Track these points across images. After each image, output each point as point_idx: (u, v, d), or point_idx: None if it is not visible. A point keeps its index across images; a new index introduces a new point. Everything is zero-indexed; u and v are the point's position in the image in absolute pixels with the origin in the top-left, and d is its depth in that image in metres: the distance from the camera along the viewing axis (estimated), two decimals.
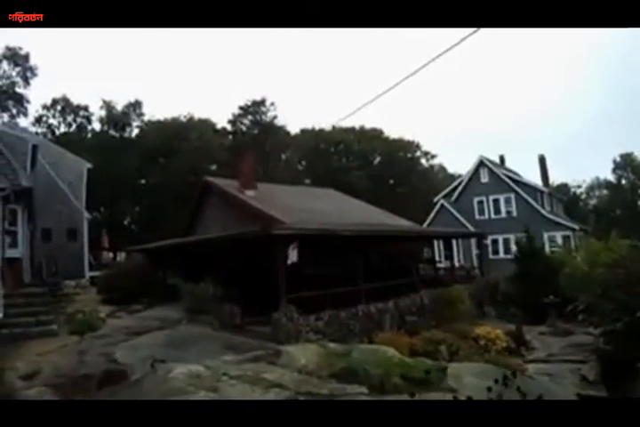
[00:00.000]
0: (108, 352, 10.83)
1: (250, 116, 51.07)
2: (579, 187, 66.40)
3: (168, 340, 12.21)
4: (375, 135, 64.33)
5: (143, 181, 48.08)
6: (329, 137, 62.63)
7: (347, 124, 65.29)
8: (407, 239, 22.62)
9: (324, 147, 61.23)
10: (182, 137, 46.62)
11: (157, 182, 45.51)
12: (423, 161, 66.03)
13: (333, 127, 63.97)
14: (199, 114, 55.93)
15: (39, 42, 73.98)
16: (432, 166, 67.06)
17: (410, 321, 17.12)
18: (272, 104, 51.58)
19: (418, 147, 65.41)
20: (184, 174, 43.94)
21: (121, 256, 42.51)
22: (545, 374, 10.79)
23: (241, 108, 51.33)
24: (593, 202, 67.06)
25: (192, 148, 46.29)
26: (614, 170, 61.70)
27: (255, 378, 8.65)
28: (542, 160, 43.85)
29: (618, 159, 60.44)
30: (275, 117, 50.41)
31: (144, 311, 18.20)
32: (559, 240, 35.23)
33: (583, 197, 66.39)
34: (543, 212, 38.24)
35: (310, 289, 13.99)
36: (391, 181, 59.88)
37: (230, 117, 51.98)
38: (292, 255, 12.98)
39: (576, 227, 37.19)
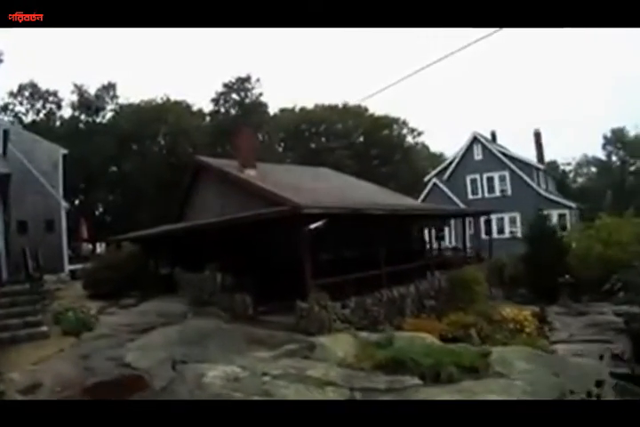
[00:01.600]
0: (117, 356, 9.30)
1: (234, 95, 48.56)
2: (568, 164, 65.59)
3: (181, 337, 10.68)
4: (359, 113, 62.10)
5: (118, 168, 45.68)
6: (311, 116, 60.46)
7: (330, 101, 63.68)
8: (424, 218, 21.17)
9: (305, 127, 59.13)
10: (159, 120, 44.35)
11: (134, 168, 43.31)
12: (409, 138, 64.35)
13: (316, 106, 62.08)
14: (176, 96, 53.91)
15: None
16: (417, 144, 65.29)
17: (428, 305, 16.17)
18: (258, 80, 48.86)
19: (404, 124, 63.66)
20: (162, 159, 42.04)
21: (101, 247, 40.38)
22: (575, 354, 10.60)
23: (225, 85, 48.77)
24: (581, 180, 66.39)
25: (170, 130, 44.11)
26: (604, 146, 60.77)
27: (301, 376, 7.74)
28: (537, 135, 42.35)
29: (609, 135, 59.61)
30: (260, 95, 48.10)
31: (140, 306, 16.52)
32: (555, 219, 33.98)
33: (572, 175, 65.56)
34: (539, 190, 37.28)
35: (329, 275, 12.52)
36: (375, 161, 58.30)
37: (214, 96, 49.38)
38: (313, 230, 11.55)
39: (573, 205, 36.39)
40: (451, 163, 41.77)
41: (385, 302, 14.30)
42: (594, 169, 66.51)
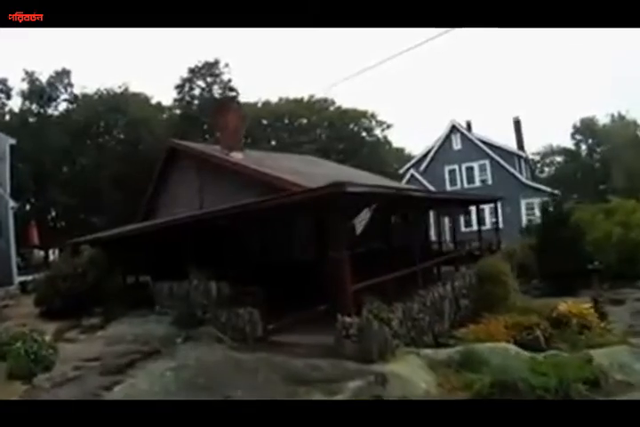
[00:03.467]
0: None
1: (201, 82, 44.50)
2: (537, 154, 64.89)
3: (181, 379, 7.36)
4: (325, 106, 59.65)
5: (73, 164, 41.30)
6: (275, 110, 57.28)
7: (295, 94, 60.52)
8: (450, 205, 18.38)
9: (268, 121, 55.72)
10: (118, 110, 40.29)
11: (90, 164, 39.19)
12: (378, 132, 61.74)
13: (280, 99, 58.87)
14: (135, 85, 49.91)
15: None
16: (384, 138, 62.67)
17: (464, 305, 14.06)
18: (227, 65, 44.67)
19: (373, 116, 60.85)
20: (122, 152, 38.15)
21: (55, 254, 36.13)
22: None
23: (191, 70, 44.70)
24: (547, 169, 65.87)
25: (130, 121, 40.10)
26: (573, 135, 59.91)
27: None
28: (517, 123, 41.02)
29: (578, 124, 58.91)
30: (229, 81, 44.18)
31: (108, 328, 13.05)
32: (536, 208, 32.95)
33: (539, 165, 64.98)
34: (521, 178, 35.96)
35: (361, 274, 9.58)
36: (341, 155, 55.54)
37: (178, 82, 45.01)
38: (360, 225, 8.59)
39: (557, 192, 34.83)
40: (427, 154, 39.73)
41: (428, 307, 11.53)
42: (559, 158, 66.01)
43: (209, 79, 44.47)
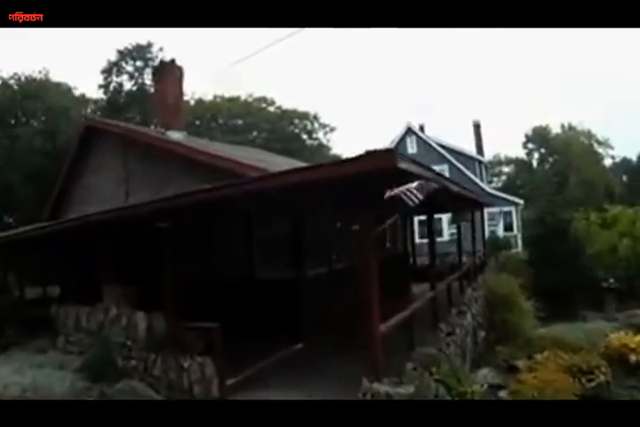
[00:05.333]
0: None
1: (130, 66, 39.59)
2: (489, 164, 63.92)
3: None
4: (263, 107, 55.79)
5: None
6: (209, 108, 52.78)
7: (233, 92, 56.11)
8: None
9: (201, 120, 51.02)
10: (36, 97, 35.12)
11: (2, 156, 33.88)
12: (320, 135, 57.83)
13: (215, 96, 54.42)
14: (57, 73, 45.38)
15: None
16: (328, 141, 59.39)
17: (481, 337, 11.40)
18: (161, 49, 39.38)
19: (315, 118, 57.01)
20: (39, 143, 33.05)
21: None
22: None
23: (120, 52, 39.62)
24: (496, 179, 64.97)
25: (48, 109, 34.98)
26: (525, 144, 59.15)
27: None
28: (477, 127, 38.98)
29: (530, 133, 58.02)
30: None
31: None
32: (499, 217, 31.65)
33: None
34: (482, 185, 33.80)
35: None
36: None
37: (105, 66, 39.47)
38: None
39: (520, 201, 33.28)
40: None
41: (458, 347, 8.23)
42: (506, 169, 65.66)
43: (139, 63, 39.59)
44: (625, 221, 19.38)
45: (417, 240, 22.57)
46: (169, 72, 12.62)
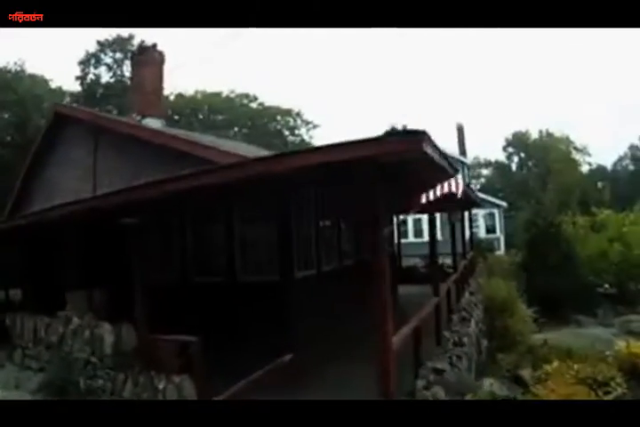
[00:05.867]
0: None
1: (108, 58, 38.02)
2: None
3: None
4: (245, 103, 54.78)
5: None
6: (190, 103, 51.64)
7: (215, 88, 54.59)
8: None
9: (180, 116, 49.71)
10: (7, 87, 33.65)
11: None
12: (303, 131, 56.86)
13: (196, 91, 53.17)
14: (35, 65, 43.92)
15: None
16: (306, 139, 58.30)
17: (484, 346, 10.57)
18: (143, 42, 38.74)
19: (298, 115, 56.08)
20: (8, 135, 31.70)
21: None
22: None
23: (99, 42, 38.12)
24: (475, 181, 64.97)
25: (20, 100, 33.52)
26: (505, 148, 59.26)
27: None
28: (460, 129, 38.50)
29: (510, 137, 58.28)
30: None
31: None
32: (481, 219, 31.20)
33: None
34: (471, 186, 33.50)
35: None
36: None
37: (83, 57, 37.97)
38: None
39: (503, 204, 33.22)
40: None
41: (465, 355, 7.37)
42: (485, 171, 65.65)
43: (119, 55, 38.15)
44: (615, 226, 19.23)
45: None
46: (149, 56, 11.51)
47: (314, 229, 9.87)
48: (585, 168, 57.37)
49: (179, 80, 65.64)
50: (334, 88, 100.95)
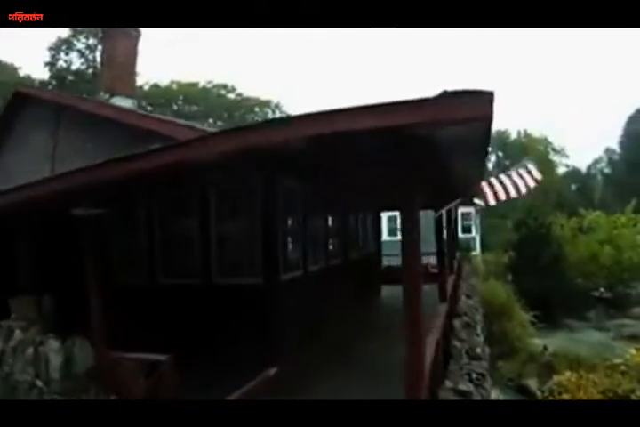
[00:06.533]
0: None
1: (81, 44, 36.33)
2: None
3: None
4: (223, 93, 53.67)
5: None
6: (165, 93, 50.28)
7: (191, 78, 53.09)
8: None
9: (153, 106, 48.17)
10: None
11: None
12: None
13: (172, 82, 51.74)
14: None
15: None
16: None
17: (479, 352, 9.10)
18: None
19: (277, 107, 55.32)
20: None
21: None
22: None
23: (73, 28, 36.19)
24: None
25: None
26: None
27: None
28: None
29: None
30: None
31: None
32: (458, 218, 30.16)
33: None
34: None
35: None
36: None
37: (53, 43, 35.99)
38: None
39: (480, 203, 32.36)
40: None
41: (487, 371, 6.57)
42: None
43: (92, 41, 36.51)
44: (605, 229, 18.78)
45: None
46: (122, 30, 10.26)
47: (301, 225, 8.86)
48: (561, 170, 58.11)
49: (155, 71, 64.36)
50: (316, 80, 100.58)
